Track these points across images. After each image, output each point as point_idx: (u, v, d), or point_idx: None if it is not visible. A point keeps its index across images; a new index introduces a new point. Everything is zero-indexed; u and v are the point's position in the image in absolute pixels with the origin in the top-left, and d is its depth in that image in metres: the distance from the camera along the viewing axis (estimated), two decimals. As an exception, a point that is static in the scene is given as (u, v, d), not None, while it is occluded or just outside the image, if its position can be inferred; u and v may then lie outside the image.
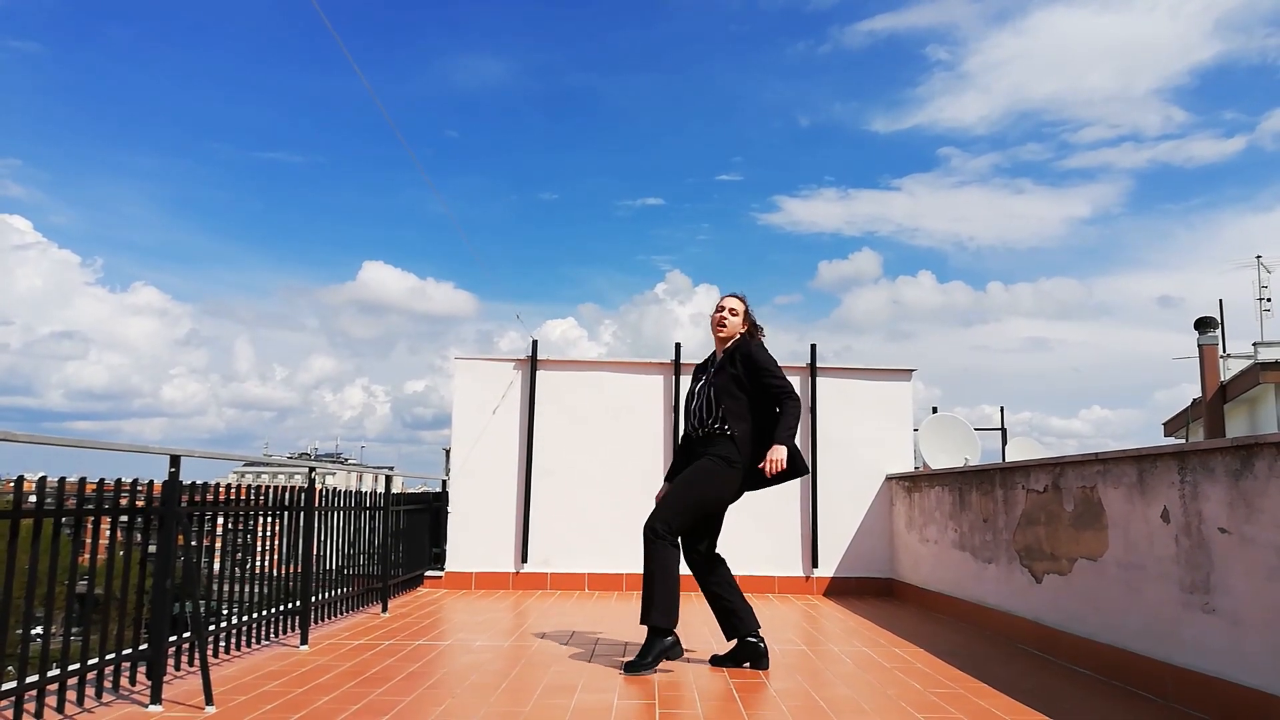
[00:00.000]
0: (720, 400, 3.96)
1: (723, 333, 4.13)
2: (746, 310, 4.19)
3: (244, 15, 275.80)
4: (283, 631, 4.43)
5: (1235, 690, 3.04)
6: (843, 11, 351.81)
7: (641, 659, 3.81)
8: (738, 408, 3.96)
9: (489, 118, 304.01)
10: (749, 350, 4.02)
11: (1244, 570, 3.04)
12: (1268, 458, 2.94)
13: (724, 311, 4.14)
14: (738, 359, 4.02)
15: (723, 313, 4.14)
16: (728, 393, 3.97)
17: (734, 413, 3.94)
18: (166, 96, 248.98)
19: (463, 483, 6.88)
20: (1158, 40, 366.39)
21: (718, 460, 3.91)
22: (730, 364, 4.03)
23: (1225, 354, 14.06)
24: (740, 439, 3.93)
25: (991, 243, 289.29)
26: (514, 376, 7.00)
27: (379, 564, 5.61)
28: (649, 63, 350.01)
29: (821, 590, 6.79)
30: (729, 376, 4.00)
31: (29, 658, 2.75)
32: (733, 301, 4.18)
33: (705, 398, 4.03)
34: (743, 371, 3.99)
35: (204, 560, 3.91)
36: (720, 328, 4.13)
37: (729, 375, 4.00)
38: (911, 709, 3.26)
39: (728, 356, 4.07)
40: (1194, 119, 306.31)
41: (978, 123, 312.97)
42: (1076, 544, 4.15)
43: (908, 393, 7.15)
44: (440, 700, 3.28)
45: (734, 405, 3.96)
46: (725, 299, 4.20)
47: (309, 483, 4.69)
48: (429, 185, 8.39)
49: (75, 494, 3.06)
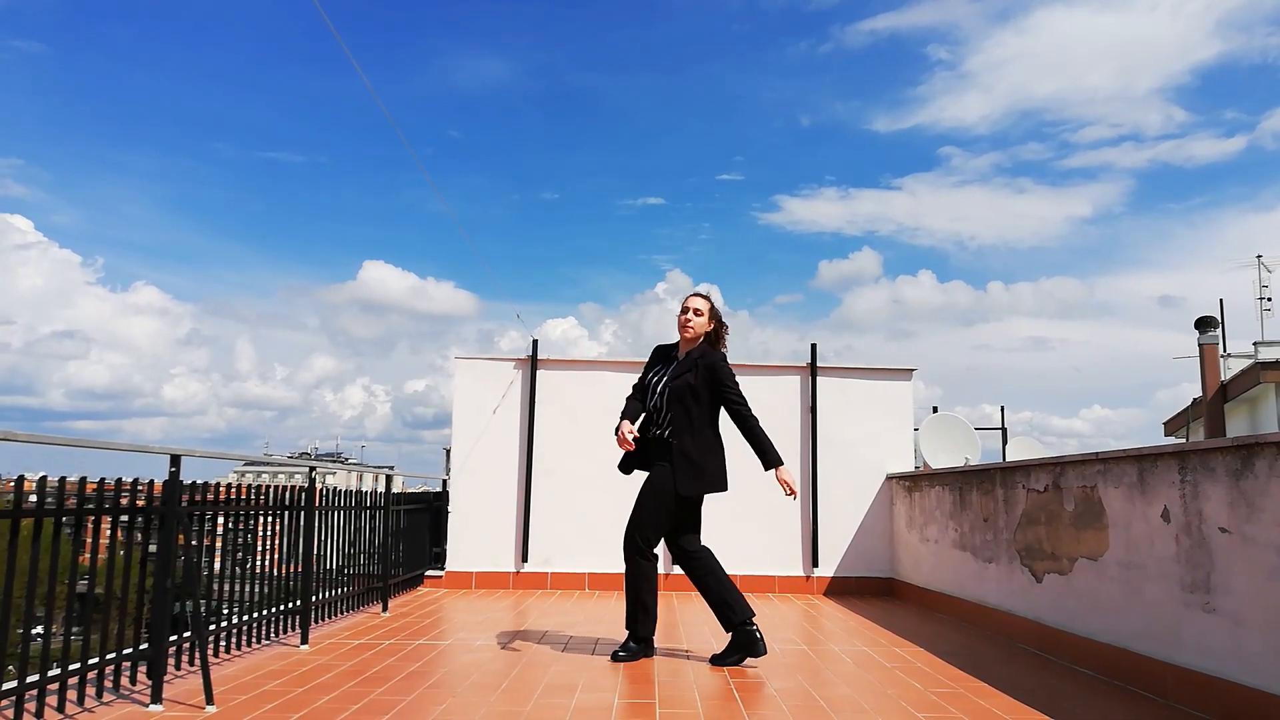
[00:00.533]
0: (670, 408, 4.07)
1: (689, 333, 4.16)
2: (712, 308, 4.22)
3: (245, 15, 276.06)
4: (283, 631, 4.43)
5: (1236, 690, 3.04)
6: (844, 11, 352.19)
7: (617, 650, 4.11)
8: (684, 419, 4.05)
9: (490, 117, 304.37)
10: (713, 363, 4.08)
11: (1245, 570, 3.04)
12: (1268, 457, 2.94)
13: (689, 312, 4.16)
14: (700, 370, 4.07)
15: (688, 314, 4.15)
16: (679, 400, 4.04)
17: (679, 424, 4.05)
18: (168, 96, 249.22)
19: (463, 482, 6.88)
20: (1159, 39, 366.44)
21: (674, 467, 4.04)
22: (691, 371, 4.08)
23: (1226, 353, 14.06)
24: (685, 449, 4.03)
25: (992, 242, 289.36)
26: (514, 376, 6.99)
27: (379, 564, 5.61)
28: (650, 62, 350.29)
29: (822, 590, 6.79)
30: (686, 385, 4.05)
31: (30, 657, 2.75)
32: (698, 301, 4.19)
33: (662, 398, 4.10)
34: (702, 383, 4.05)
35: (204, 560, 3.91)
36: (687, 329, 4.15)
37: (686, 384, 4.05)
38: (912, 708, 3.26)
39: (690, 362, 4.11)
40: (1195, 118, 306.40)
41: (979, 122, 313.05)
42: (1077, 543, 4.15)
43: (908, 392, 7.15)
44: (441, 700, 3.28)
45: (681, 415, 4.05)
46: (690, 299, 4.21)
47: (309, 482, 4.69)
48: (430, 185, 8.39)
49: (76, 493, 3.07)
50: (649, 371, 4.25)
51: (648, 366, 4.28)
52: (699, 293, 4.23)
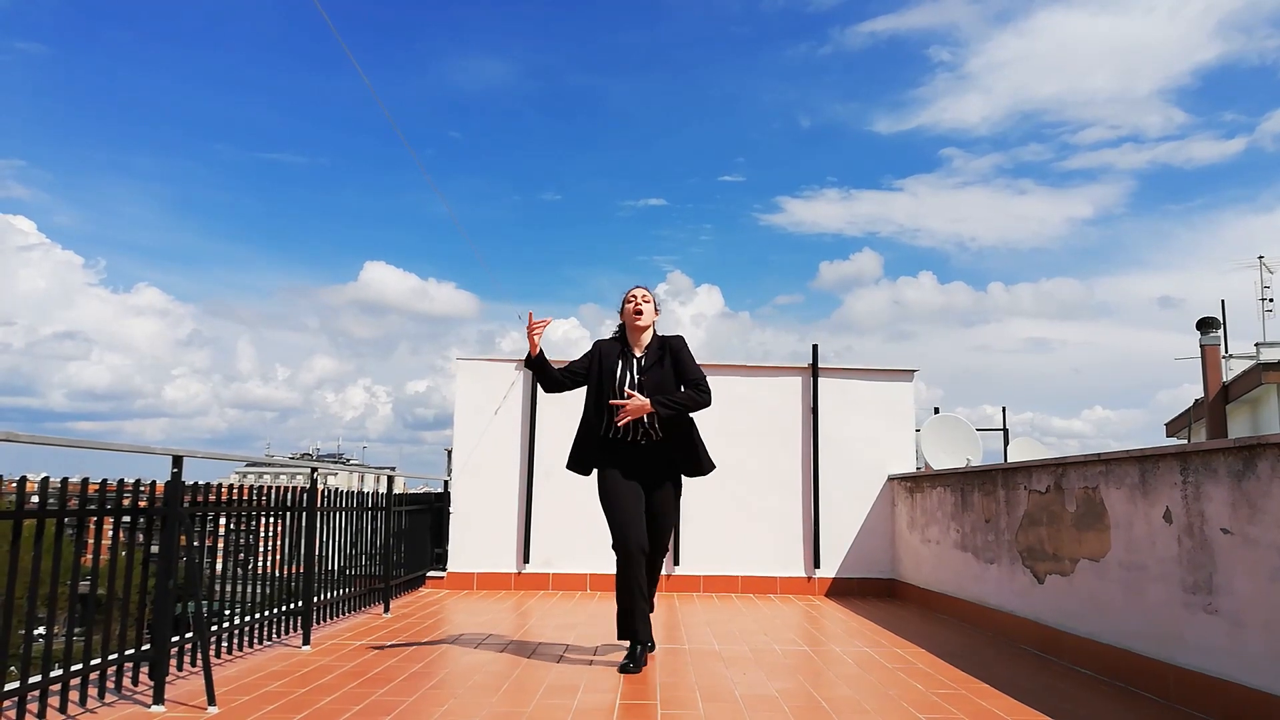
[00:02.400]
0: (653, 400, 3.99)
1: (641, 322, 4.12)
2: (653, 296, 4.23)
3: (246, 17, 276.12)
4: (285, 632, 4.43)
5: (1238, 691, 3.03)
6: (843, 13, 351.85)
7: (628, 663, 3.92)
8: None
9: (491, 118, 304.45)
10: (679, 347, 4.10)
11: (1246, 571, 3.04)
12: (1270, 458, 2.94)
13: (636, 301, 4.14)
14: (667, 355, 4.08)
15: (635, 303, 4.13)
16: (662, 390, 4.00)
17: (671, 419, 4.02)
18: (169, 98, 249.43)
19: (464, 483, 6.88)
20: (1159, 41, 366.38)
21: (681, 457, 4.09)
22: (659, 360, 4.08)
23: (1227, 354, 14.06)
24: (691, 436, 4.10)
25: (993, 243, 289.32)
26: (515, 377, 7.00)
27: (381, 564, 5.61)
28: (651, 64, 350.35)
29: (823, 591, 6.78)
30: (660, 376, 4.03)
31: (31, 658, 2.75)
32: (643, 291, 4.19)
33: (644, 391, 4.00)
34: (671, 367, 4.06)
35: (206, 561, 3.91)
36: (638, 315, 4.11)
37: (660, 375, 4.04)
38: (913, 709, 3.26)
39: (659, 350, 4.11)
40: (1194, 120, 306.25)
41: (980, 123, 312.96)
42: (1079, 544, 4.15)
43: (909, 393, 7.15)
44: (442, 701, 3.28)
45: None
46: (636, 290, 4.18)
47: (311, 483, 4.70)
48: (431, 186, 8.40)
49: (77, 494, 3.07)
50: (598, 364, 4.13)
51: (592, 359, 4.16)
52: (639, 285, 4.23)
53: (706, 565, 6.78)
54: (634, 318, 4.12)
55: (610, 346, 4.18)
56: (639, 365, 4.09)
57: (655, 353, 4.11)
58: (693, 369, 4.07)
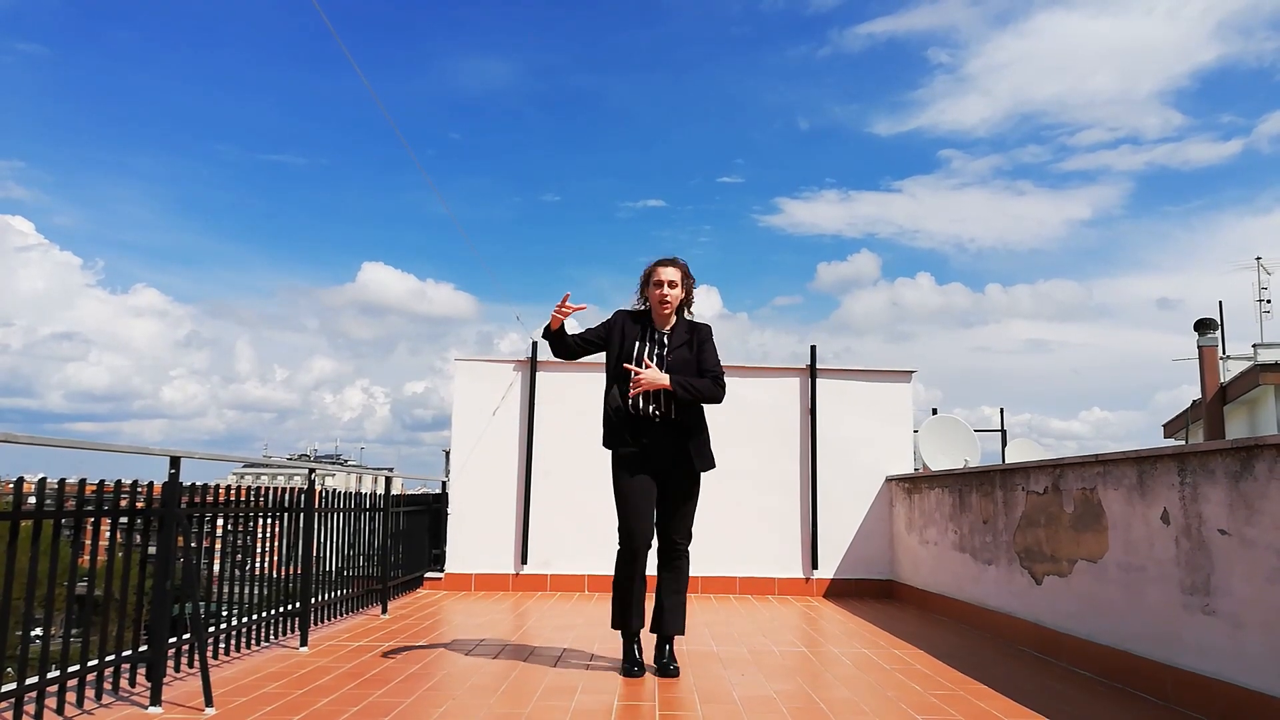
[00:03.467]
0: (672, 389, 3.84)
1: (667, 309, 3.96)
2: (684, 272, 4.01)
3: (247, 17, 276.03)
4: (282, 633, 4.43)
5: (1236, 692, 3.04)
6: (843, 14, 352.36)
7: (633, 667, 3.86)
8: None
9: (491, 119, 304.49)
10: (706, 336, 3.97)
11: (1244, 572, 3.04)
12: (1268, 459, 2.94)
13: (663, 287, 3.93)
14: (695, 340, 3.95)
15: (663, 288, 3.93)
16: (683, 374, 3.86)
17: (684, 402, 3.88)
18: (169, 98, 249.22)
19: (462, 484, 6.87)
20: (1159, 43, 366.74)
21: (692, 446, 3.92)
22: (686, 344, 3.93)
23: (1225, 355, 14.09)
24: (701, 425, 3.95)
25: (992, 244, 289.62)
26: (514, 378, 6.99)
27: (378, 565, 5.61)
28: (651, 65, 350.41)
29: (821, 592, 6.78)
30: (683, 361, 3.90)
31: (29, 659, 2.75)
32: (670, 272, 3.94)
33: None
34: (694, 354, 3.92)
35: (204, 562, 3.91)
36: (665, 305, 3.94)
37: (683, 359, 3.90)
38: (911, 711, 3.25)
39: (686, 333, 3.97)
40: (1191, 122, 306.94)
41: (978, 125, 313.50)
42: (1077, 546, 4.15)
43: (907, 394, 7.15)
44: (440, 702, 3.28)
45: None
46: (664, 270, 3.95)
47: (309, 484, 4.69)
48: (431, 186, 8.40)
49: (75, 495, 3.07)
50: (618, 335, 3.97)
51: (610, 327, 4.00)
52: (666, 260, 3.99)
53: (704, 566, 6.76)
54: (659, 305, 3.95)
55: (631, 325, 4.00)
56: (664, 344, 3.96)
57: (683, 335, 3.97)
58: (714, 361, 3.93)
